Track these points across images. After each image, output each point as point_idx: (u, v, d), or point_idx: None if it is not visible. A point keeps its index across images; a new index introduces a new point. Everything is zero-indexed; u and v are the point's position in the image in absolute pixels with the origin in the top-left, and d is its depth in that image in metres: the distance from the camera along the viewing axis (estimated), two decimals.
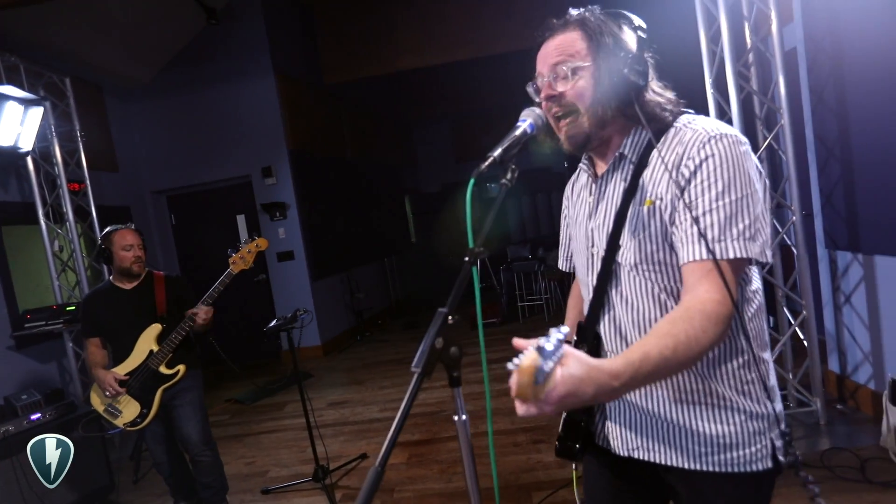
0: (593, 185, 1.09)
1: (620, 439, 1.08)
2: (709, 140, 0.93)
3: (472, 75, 8.84)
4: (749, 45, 2.92)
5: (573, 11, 1.01)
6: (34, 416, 2.96)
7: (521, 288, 6.59)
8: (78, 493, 2.93)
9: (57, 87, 4.10)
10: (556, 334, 0.73)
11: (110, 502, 3.14)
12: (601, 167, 1.08)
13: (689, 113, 1.03)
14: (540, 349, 0.71)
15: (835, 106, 2.81)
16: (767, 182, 0.98)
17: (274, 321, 2.90)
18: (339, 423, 3.96)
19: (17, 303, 3.92)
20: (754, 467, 0.98)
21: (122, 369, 2.52)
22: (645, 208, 0.98)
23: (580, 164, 1.16)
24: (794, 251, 2.90)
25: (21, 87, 3.69)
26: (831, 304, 3.06)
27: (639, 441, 1.05)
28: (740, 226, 0.90)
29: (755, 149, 1.99)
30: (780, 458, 0.98)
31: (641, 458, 1.05)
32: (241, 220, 6.02)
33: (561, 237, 1.30)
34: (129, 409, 2.53)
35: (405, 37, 6.09)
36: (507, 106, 9.19)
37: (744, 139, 0.95)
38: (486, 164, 0.95)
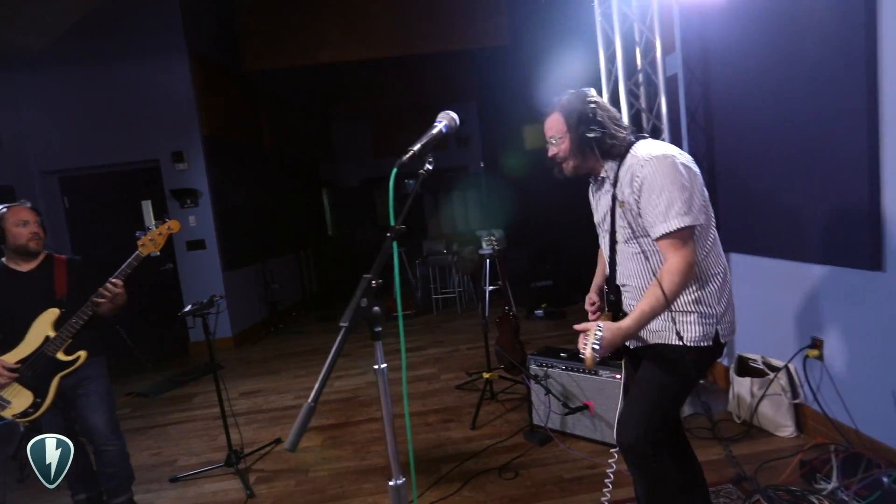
0: (595, 191, 1.77)
1: (633, 342, 1.74)
2: (644, 163, 1.52)
3: (393, 73, 8.96)
4: (639, 67, 3.34)
5: (555, 98, 1.66)
6: None
7: (435, 281, 6.83)
8: None
9: None
10: (598, 332, 1.40)
11: None
12: (597, 182, 1.73)
13: (644, 138, 1.63)
14: (594, 348, 1.38)
15: (703, 125, 3.30)
16: (697, 170, 1.55)
17: (189, 306, 2.87)
18: (252, 411, 3.95)
19: None
20: (702, 343, 1.58)
21: (12, 357, 2.37)
22: (619, 209, 1.61)
23: (591, 178, 1.78)
24: None
25: None
26: None
27: (638, 340, 1.70)
28: (675, 208, 1.47)
29: None
30: (721, 340, 1.59)
31: (638, 345, 1.71)
32: (146, 206, 5.72)
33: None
34: (20, 400, 2.39)
35: (328, 30, 6.08)
36: (426, 105, 9.36)
37: (669, 153, 1.52)
38: (408, 156, 1.14)
